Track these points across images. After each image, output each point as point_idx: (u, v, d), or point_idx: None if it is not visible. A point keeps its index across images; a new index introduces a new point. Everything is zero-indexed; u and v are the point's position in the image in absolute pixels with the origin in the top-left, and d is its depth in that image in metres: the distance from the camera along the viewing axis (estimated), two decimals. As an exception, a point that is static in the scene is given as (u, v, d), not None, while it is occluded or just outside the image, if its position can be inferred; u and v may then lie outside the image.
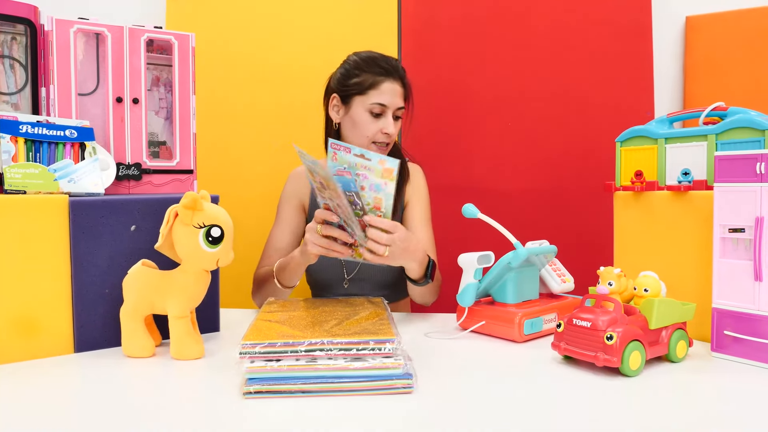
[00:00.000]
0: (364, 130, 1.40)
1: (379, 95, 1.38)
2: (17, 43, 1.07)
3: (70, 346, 0.99)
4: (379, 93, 1.38)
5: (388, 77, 1.40)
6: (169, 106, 1.20)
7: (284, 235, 1.49)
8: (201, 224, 0.94)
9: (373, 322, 0.90)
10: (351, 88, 1.41)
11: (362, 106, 1.40)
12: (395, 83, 1.40)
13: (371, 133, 1.40)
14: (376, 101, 1.38)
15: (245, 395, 0.78)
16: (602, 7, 1.87)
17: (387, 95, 1.39)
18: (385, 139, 1.41)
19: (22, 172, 0.96)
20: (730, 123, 1.06)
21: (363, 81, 1.40)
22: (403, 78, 1.43)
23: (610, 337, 0.86)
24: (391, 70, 1.41)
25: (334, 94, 1.46)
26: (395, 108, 1.40)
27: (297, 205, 1.51)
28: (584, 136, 1.86)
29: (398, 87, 1.41)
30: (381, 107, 1.38)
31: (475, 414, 0.74)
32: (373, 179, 1.09)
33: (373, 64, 1.41)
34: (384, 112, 1.39)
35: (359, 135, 1.41)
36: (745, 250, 0.95)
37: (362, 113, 1.40)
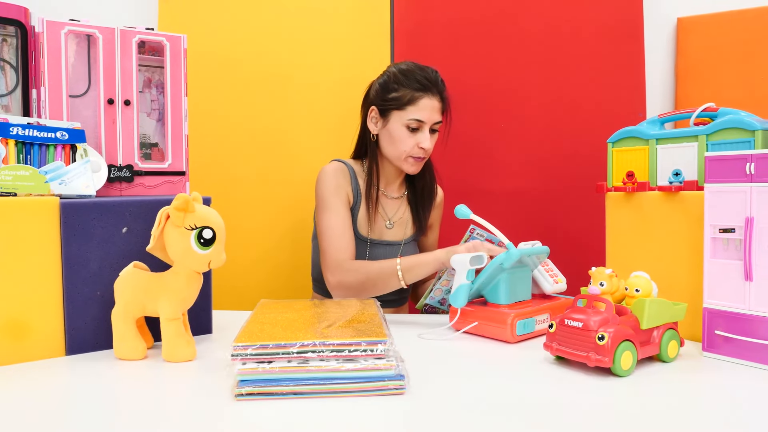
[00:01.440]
0: (401, 145, 1.42)
1: (417, 111, 1.39)
2: (8, 44, 1.07)
3: (61, 349, 0.98)
4: (417, 109, 1.39)
5: (427, 93, 1.40)
6: (161, 108, 1.20)
7: (347, 222, 1.42)
8: (193, 226, 0.94)
9: (365, 323, 0.90)
10: (389, 102, 1.42)
11: (400, 121, 1.41)
12: (434, 99, 1.41)
13: (408, 147, 1.41)
14: (414, 117, 1.39)
15: (237, 397, 0.78)
16: (594, 8, 1.88)
17: (425, 111, 1.39)
18: (421, 154, 1.42)
19: (13, 174, 0.96)
20: (721, 124, 1.06)
21: (402, 96, 1.40)
22: (442, 92, 1.44)
23: (602, 338, 0.86)
24: (430, 86, 1.40)
25: (373, 107, 1.45)
26: (432, 123, 1.41)
27: (345, 199, 1.45)
28: (576, 137, 1.87)
29: (437, 102, 1.41)
30: (418, 123, 1.40)
31: (468, 415, 0.74)
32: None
33: (412, 79, 1.41)
34: (421, 127, 1.41)
35: (396, 149, 1.43)
36: (736, 250, 0.96)
37: (400, 128, 1.41)
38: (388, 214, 1.52)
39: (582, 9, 1.88)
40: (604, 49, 1.88)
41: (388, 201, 1.52)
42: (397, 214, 1.53)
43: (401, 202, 1.54)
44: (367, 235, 1.47)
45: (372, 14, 1.89)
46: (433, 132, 1.44)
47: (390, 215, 1.52)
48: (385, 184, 1.52)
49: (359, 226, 1.47)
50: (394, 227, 1.52)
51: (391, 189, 1.53)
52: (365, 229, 1.47)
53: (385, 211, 1.52)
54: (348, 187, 1.47)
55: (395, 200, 1.53)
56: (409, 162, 1.44)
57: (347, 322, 0.91)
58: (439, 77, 1.45)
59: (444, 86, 1.45)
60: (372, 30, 1.89)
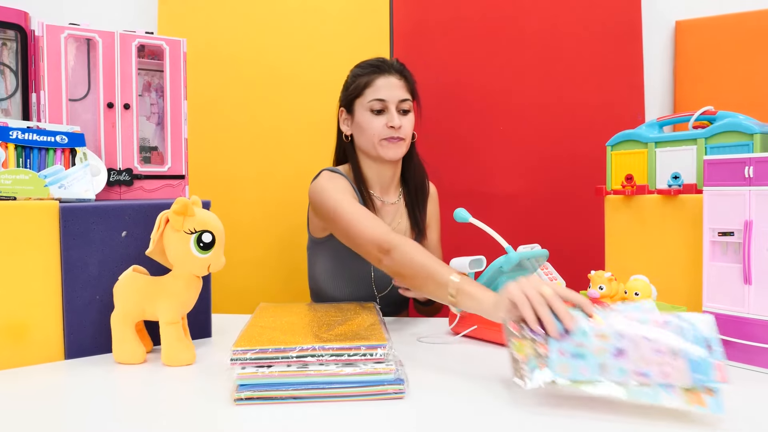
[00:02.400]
0: (369, 130, 1.36)
1: (375, 91, 1.36)
2: (8, 48, 1.07)
3: (60, 353, 0.98)
4: (374, 90, 1.36)
5: (382, 73, 1.37)
6: (161, 112, 1.20)
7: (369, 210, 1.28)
8: (192, 230, 0.94)
9: (364, 327, 0.90)
10: (350, 94, 1.40)
11: (363, 108, 1.37)
12: (390, 76, 1.37)
13: (377, 130, 1.35)
14: (374, 97, 1.35)
15: (236, 401, 0.78)
16: (593, 11, 1.88)
17: (384, 89, 1.36)
18: (393, 133, 1.35)
19: (12, 178, 0.96)
20: (719, 127, 1.06)
21: (358, 83, 1.38)
22: (401, 72, 1.39)
23: (601, 341, 0.86)
24: (384, 66, 1.38)
25: (341, 108, 1.44)
26: (397, 101, 1.36)
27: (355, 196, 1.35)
28: (575, 140, 1.87)
29: (394, 79, 1.37)
30: (380, 102, 1.35)
31: (467, 419, 0.74)
32: None
33: (365, 66, 1.40)
34: (386, 107, 1.36)
35: (367, 137, 1.37)
36: (735, 254, 0.96)
37: (364, 114, 1.37)
38: (386, 221, 1.44)
39: (581, 12, 1.88)
40: (602, 52, 1.88)
41: (385, 207, 1.46)
42: (395, 220, 1.46)
43: (398, 207, 1.48)
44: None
45: (371, 16, 1.89)
46: (405, 113, 1.38)
47: (388, 222, 1.44)
48: (379, 189, 1.46)
49: None
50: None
51: (387, 195, 1.47)
52: None
53: (382, 218, 1.43)
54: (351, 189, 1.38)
55: (392, 206, 1.47)
56: (384, 146, 1.36)
57: (347, 326, 0.91)
58: (396, 61, 1.42)
59: (402, 66, 1.41)
60: (371, 32, 1.89)
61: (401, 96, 1.36)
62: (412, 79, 1.42)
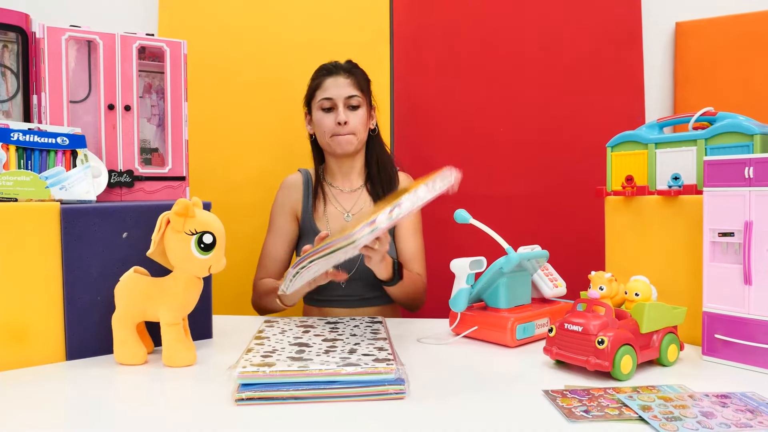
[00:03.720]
0: (321, 128, 1.50)
1: (323, 92, 1.49)
2: (8, 50, 1.07)
3: (61, 354, 0.98)
4: (323, 90, 1.49)
5: (330, 75, 1.50)
6: (161, 113, 1.20)
7: (279, 245, 1.54)
8: (193, 231, 0.94)
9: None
10: (307, 96, 1.55)
11: (315, 107, 1.51)
12: (338, 77, 1.49)
13: (327, 127, 1.48)
14: (322, 97, 1.49)
15: (237, 402, 0.78)
16: (593, 13, 1.88)
17: (331, 89, 1.48)
18: (342, 130, 1.47)
19: (14, 179, 0.96)
20: (719, 128, 1.07)
21: (311, 86, 1.53)
22: (349, 71, 1.51)
23: (602, 342, 0.86)
24: (332, 69, 1.51)
25: (305, 110, 1.57)
26: (344, 98, 1.48)
27: (290, 214, 1.55)
28: (575, 141, 1.87)
29: (342, 79, 1.49)
30: (329, 101, 1.48)
31: (468, 419, 0.74)
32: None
33: (318, 70, 1.54)
34: (334, 105, 1.48)
35: (320, 134, 1.52)
36: (735, 254, 0.96)
37: (317, 113, 1.51)
38: (346, 207, 1.55)
39: (581, 14, 1.88)
40: (603, 53, 1.88)
41: (343, 195, 1.56)
42: (355, 206, 1.55)
43: (360, 194, 1.57)
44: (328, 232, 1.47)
45: (371, 18, 1.90)
46: (354, 108, 1.49)
47: (348, 208, 1.55)
48: (341, 179, 1.57)
49: (318, 226, 1.52)
50: (353, 221, 1.50)
51: (345, 183, 1.57)
52: (324, 227, 1.52)
53: (341, 204, 1.55)
54: (295, 197, 1.56)
55: (352, 193, 1.57)
56: (334, 141, 1.49)
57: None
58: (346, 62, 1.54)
59: (351, 66, 1.53)
60: (371, 36, 1.90)
61: (347, 93, 1.49)
62: (361, 77, 1.53)
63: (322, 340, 0.97)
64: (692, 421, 0.72)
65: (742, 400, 0.79)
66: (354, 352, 0.88)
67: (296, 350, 0.89)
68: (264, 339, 0.96)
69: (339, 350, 0.90)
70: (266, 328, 1.05)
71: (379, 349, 0.90)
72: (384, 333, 1.02)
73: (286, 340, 0.96)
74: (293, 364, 0.82)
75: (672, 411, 0.75)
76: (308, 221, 1.53)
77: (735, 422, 0.72)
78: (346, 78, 1.50)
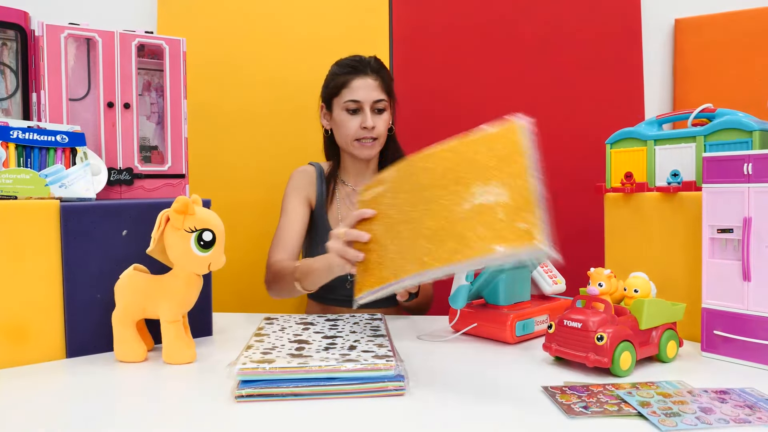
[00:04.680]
0: (345, 129, 1.45)
1: (351, 92, 1.43)
2: (8, 48, 1.07)
3: (61, 352, 0.99)
4: (350, 90, 1.43)
5: (358, 74, 1.43)
6: (161, 111, 1.20)
7: (295, 224, 1.48)
8: (192, 228, 0.94)
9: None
10: (329, 92, 1.48)
11: (339, 107, 1.45)
12: (366, 77, 1.43)
13: (352, 131, 1.44)
14: (349, 98, 1.43)
15: (237, 399, 0.78)
16: (591, 10, 1.88)
17: (359, 90, 1.42)
18: (367, 134, 1.43)
19: (13, 177, 0.96)
20: (718, 124, 1.07)
21: (336, 83, 1.46)
22: (377, 71, 1.45)
23: (601, 338, 0.87)
24: (360, 66, 1.44)
25: (322, 104, 1.52)
26: (371, 101, 1.43)
27: (304, 199, 1.51)
28: (574, 138, 1.87)
29: (370, 80, 1.43)
30: (355, 103, 1.42)
31: (468, 416, 0.74)
32: None
33: (343, 65, 1.47)
34: (360, 108, 1.43)
35: (343, 136, 1.46)
36: (734, 251, 0.96)
37: (340, 113, 1.45)
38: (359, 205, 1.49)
39: (580, 11, 1.88)
40: (602, 50, 1.88)
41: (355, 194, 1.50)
42: None
43: None
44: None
45: (370, 18, 1.89)
46: (380, 112, 1.45)
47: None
48: (353, 178, 1.54)
49: (331, 222, 1.49)
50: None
51: (358, 181, 1.53)
52: (335, 223, 1.48)
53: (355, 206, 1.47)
54: (310, 187, 1.52)
55: None
56: (356, 146, 1.45)
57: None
58: (374, 60, 1.47)
59: (379, 65, 1.47)
60: (370, 35, 1.89)
61: (376, 96, 1.43)
62: (388, 78, 1.48)
63: (322, 337, 0.97)
64: (691, 417, 0.72)
65: (741, 396, 0.79)
66: (353, 349, 0.88)
67: (296, 347, 0.89)
68: (264, 336, 0.97)
69: (339, 347, 0.90)
70: (266, 325, 1.05)
71: (379, 346, 0.90)
72: (383, 330, 1.02)
73: (286, 337, 0.96)
74: (293, 360, 0.82)
75: (671, 407, 0.75)
76: (321, 215, 1.50)
77: (734, 418, 0.72)
78: (375, 80, 1.44)
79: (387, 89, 1.46)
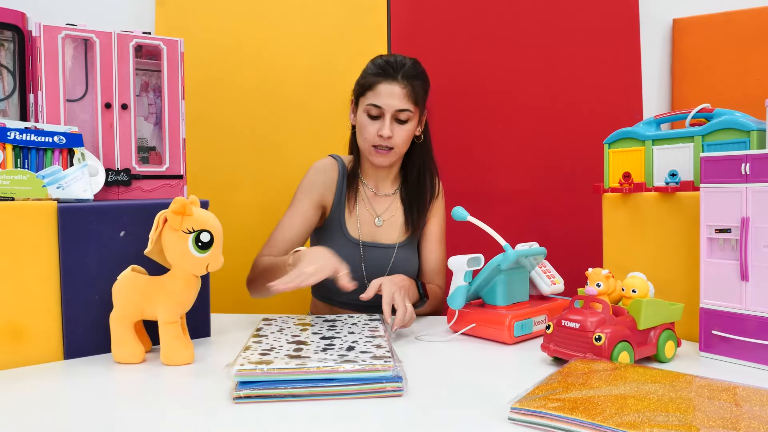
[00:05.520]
0: (363, 133, 1.38)
1: (374, 96, 1.35)
2: (5, 49, 1.07)
3: (59, 353, 0.98)
4: (374, 94, 1.35)
5: (386, 78, 1.35)
6: (159, 112, 1.20)
7: (295, 225, 1.42)
8: (190, 229, 0.94)
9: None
10: (358, 90, 1.41)
11: (362, 108, 1.38)
12: (394, 84, 1.34)
13: (369, 135, 1.37)
14: (371, 102, 1.36)
15: (235, 400, 0.78)
16: (589, 10, 1.88)
17: (382, 97, 1.34)
18: (381, 142, 1.36)
19: (10, 178, 0.96)
20: (716, 124, 1.07)
21: (364, 82, 1.38)
22: (410, 78, 1.36)
23: (599, 338, 0.87)
24: (390, 71, 1.35)
25: (352, 98, 1.45)
26: (393, 110, 1.34)
27: (316, 200, 1.44)
28: (573, 138, 1.87)
29: (397, 88, 1.34)
30: (376, 109, 1.35)
31: (466, 417, 0.74)
32: None
33: (375, 64, 1.39)
34: (381, 114, 1.35)
35: (361, 138, 1.41)
36: (732, 251, 0.96)
37: (362, 115, 1.38)
38: (378, 211, 1.47)
39: (578, 10, 1.88)
40: (600, 50, 1.88)
41: (378, 198, 1.48)
42: (387, 211, 1.47)
43: (393, 199, 1.48)
44: (357, 237, 1.43)
45: (368, 16, 1.89)
46: (401, 123, 1.37)
47: (380, 212, 1.47)
48: (373, 181, 1.48)
49: (348, 227, 1.44)
50: (384, 226, 1.46)
51: (382, 186, 1.48)
52: (355, 230, 1.44)
53: (374, 208, 1.47)
54: (327, 185, 1.45)
55: (387, 197, 1.48)
56: (372, 153, 1.39)
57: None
58: (409, 65, 1.38)
59: (414, 73, 1.37)
60: (368, 32, 1.89)
61: (399, 106, 1.35)
62: (420, 87, 1.39)
63: (320, 338, 0.97)
64: (689, 417, 0.72)
65: (739, 396, 0.79)
66: (352, 350, 0.88)
67: (294, 348, 0.89)
68: (262, 337, 0.97)
69: (337, 347, 0.90)
70: (264, 326, 1.05)
71: (377, 347, 0.90)
72: (382, 330, 1.02)
73: (284, 338, 0.96)
74: (291, 361, 0.82)
75: (669, 407, 0.75)
76: (337, 219, 1.45)
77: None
78: (403, 87, 1.34)
79: (415, 99, 1.37)
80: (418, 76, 1.39)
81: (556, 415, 0.67)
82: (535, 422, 0.69)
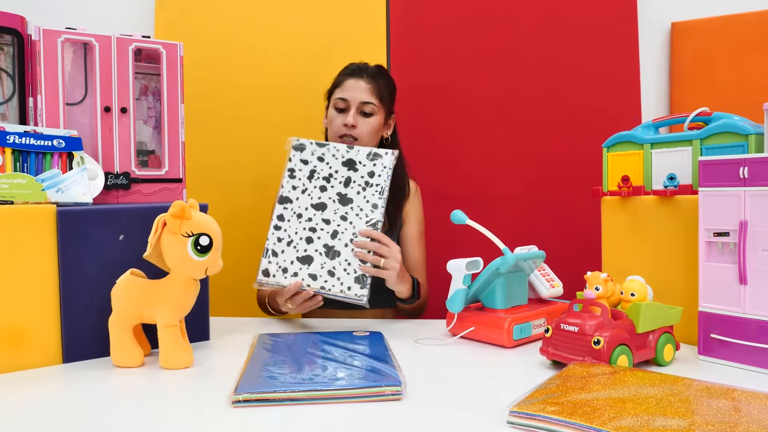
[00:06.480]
0: (332, 126, 1.50)
1: (341, 91, 1.48)
2: (4, 53, 1.07)
3: (58, 357, 0.98)
4: (341, 89, 1.48)
5: (353, 76, 1.49)
6: (158, 115, 1.20)
7: None
8: (189, 233, 0.94)
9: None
10: (329, 91, 1.54)
11: (331, 104, 1.51)
12: (359, 80, 1.47)
13: (336, 128, 1.48)
14: (338, 96, 1.48)
15: (234, 404, 0.78)
16: (588, 13, 1.88)
17: (348, 90, 1.47)
18: (347, 131, 1.46)
19: (10, 182, 0.96)
20: (714, 128, 1.07)
21: (334, 83, 1.52)
22: (374, 76, 1.49)
23: (598, 342, 0.87)
24: (357, 70, 1.49)
25: (326, 103, 1.56)
26: (358, 102, 1.46)
27: None
28: (571, 142, 1.87)
29: (362, 83, 1.47)
30: (343, 102, 1.47)
31: (465, 420, 0.74)
32: None
33: (346, 68, 1.52)
34: (347, 107, 1.47)
35: (331, 132, 1.51)
36: (730, 254, 0.96)
37: (331, 110, 1.51)
38: None
39: (576, 14, 1.88)
40: (598, 53, 1.88)
41: None
42: None
43: None
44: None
45: (368, 19, 1.90)
46: (366, 115, 1.47)
47: None
48: None
49: None
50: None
51: None
52: None
53: None
54: None
55: None
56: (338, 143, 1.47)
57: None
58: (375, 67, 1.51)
59: (377, 73, 1.50)
60: (368, 35, 1.90)
61: (364, 98, 1.46)
62: (385, 87, 1.51)
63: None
64: (688, 421, 0.72)
65: (738, 400, 0.79)
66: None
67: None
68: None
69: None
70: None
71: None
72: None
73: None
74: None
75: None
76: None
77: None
78: (368, 83, 1.47)
79: (380, 95, 1.48)
80: (383, 76, 1.52)
81: (555, 418, 0.68)
82: (533, 426, 0.69)
